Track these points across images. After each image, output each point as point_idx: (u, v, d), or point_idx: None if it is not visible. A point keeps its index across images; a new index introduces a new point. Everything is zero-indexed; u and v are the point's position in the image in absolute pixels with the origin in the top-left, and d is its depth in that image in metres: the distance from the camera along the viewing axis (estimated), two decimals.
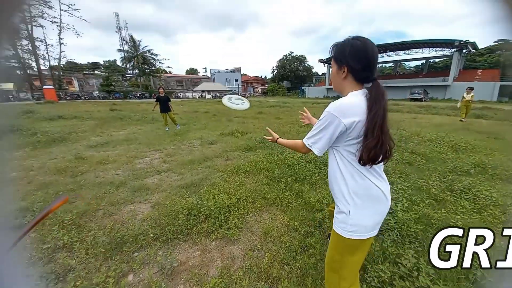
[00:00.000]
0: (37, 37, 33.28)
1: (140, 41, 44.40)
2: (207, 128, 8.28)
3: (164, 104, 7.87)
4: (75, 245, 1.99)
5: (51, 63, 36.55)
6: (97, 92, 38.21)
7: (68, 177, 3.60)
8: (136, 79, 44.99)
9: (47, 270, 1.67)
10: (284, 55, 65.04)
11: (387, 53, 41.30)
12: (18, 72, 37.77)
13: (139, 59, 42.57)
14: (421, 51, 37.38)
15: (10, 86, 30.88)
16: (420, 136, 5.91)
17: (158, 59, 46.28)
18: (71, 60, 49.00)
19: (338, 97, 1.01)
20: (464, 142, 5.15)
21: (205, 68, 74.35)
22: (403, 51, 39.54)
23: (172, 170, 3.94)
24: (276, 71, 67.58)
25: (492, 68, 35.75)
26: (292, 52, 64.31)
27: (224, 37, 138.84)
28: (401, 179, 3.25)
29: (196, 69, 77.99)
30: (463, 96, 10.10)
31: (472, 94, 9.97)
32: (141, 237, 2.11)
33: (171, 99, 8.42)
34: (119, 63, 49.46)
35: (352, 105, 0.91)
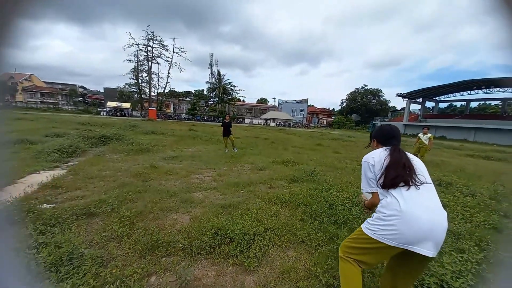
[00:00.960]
0: (153, 71, 44.10)
1: (224, 75, 53.03)
2: (261, 154, 8.63)
3: (227, 129, 8.79)
4: (124, 238, 2.41)
5: (159, 91, 47.51)
6: (184, 115, 46.64)
7: (140, 181, 4.44)
8: (215, 105, 52.72)
9: (97, 254, 2.08)
10: (356, 88, 62.49)
11: (490, 89, 33.71)
12: (135, 96, 51.05)
13: (221, 89, 50.34)
14: None
15: (127, 105, 41.80)
16: None
17: (235, 90, 53.31)
18: (172, 89, 62.51)
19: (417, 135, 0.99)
20: None
21: (274, 98, 79.41)
22: (509, 88, 31.44)
23: (217, 189, 4.27)
24: (345, 103, 65.05)
25: None
26: (366, 86, 61.17)
27: (297, 71, 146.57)
28: (476, 248, 2.46)
29: (266, 99, 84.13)
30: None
31: (429, 135, 8.45)
32: (172, 244, 2.36)
33: (233, 124, 9.30)
34: (205, 92, 59.78)
35: (375, 153, 1.54)
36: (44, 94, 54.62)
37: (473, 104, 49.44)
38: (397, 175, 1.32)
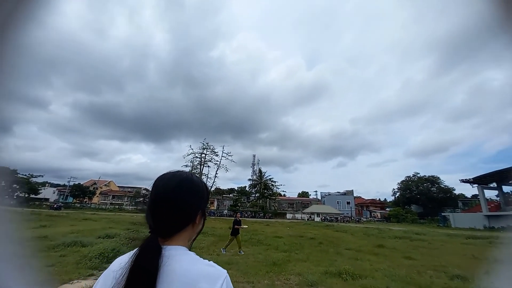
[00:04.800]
0: (204, 173, 50.04)
1: (265, 172, 56.18)
2: (309, 260, 7.17)
3: (235, 227, 8.31)
4: None
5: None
6: (226, 211, 46.84)
7: None
8: (256, 201, 52.91)
9: None
10: (407, 177, 57.34)
11: None
12: None
13: (262, 185, 52.03)
14: None
15: None
16: None
17: (275, 185, 54.35)
18: (218, 187, 67.09)
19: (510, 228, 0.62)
20: None
21: (315, 191, 76.48)
22: None
23: None
24: (399, 193, 58.14)
25: None
26: (418, 173, 56.01)
27: (334, 164, 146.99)
28: None
29: (307, 192, 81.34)
30: None
31: None
32: None
33: (275, 220, 8.66)
34: (247, 188, 62.18)
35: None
36: (114, 197, 63.59)
37: None
38: None
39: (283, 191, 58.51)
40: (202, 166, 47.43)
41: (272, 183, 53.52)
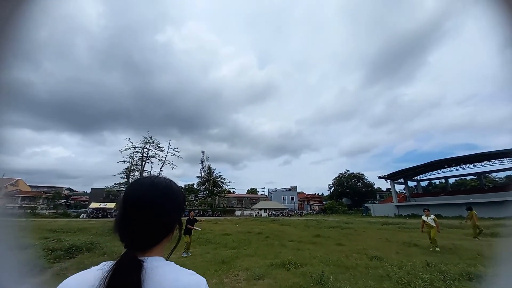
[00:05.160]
0: (146, 170, 44.73)
1: (215, 169, 54.75)
2: (256, 254, 7.49)
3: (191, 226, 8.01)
4: None
5: None
6: None
7: None
8: (205, 199, 51.25)
9: None
10: (340, 173, 65.61)
11: (461, 166, 36.85)
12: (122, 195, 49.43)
13: (211, 183, 50.59)
14: (506, 161, 32.11)
15: (112, 205, 39.24)
16: None
17: (225, 182, 53.81)
18: None
19: (414, 215, 0.76)
20: None
21: (264, 188, 79.54)
22: (482, 163, 34.75)
23: None
24: (333, 188, 66.10)
25: None
26: (348, 170, 64.72)
27: (281, 161, 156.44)
28: None
29: (256, 189, 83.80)
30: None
31: (432, 216, 8.34)
32: None
33: (224, 218, 8.60)
34: (195, 186, 59.57)
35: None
36: (25, 199, 51.17)
37: (451, 181, 51.97)
38: None
39: (233, 188, 58.29)
40: (144, 162, 42.60)
41: (222, 180, 52.92)
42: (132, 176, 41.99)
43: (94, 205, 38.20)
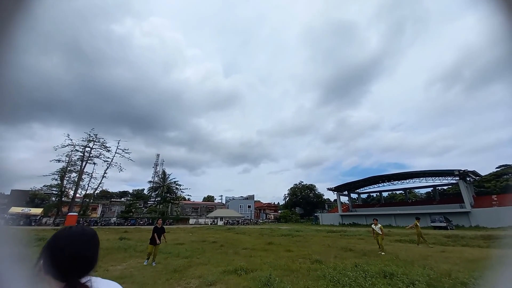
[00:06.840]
0: (86, 171, 38.76)
1: (170, 174, 51.10)
2: (210, 263, 7.63)
3: (158, 236, 7.76)
4: None
5: (87, 192, 40.28)
6: (114, 219, 38.92)
7: None
8: (156, 206, 47.23)
9: None
10: (295, 184, 69.28)
11: (392, 182, 43.25)
12: (53, 199, 41.16)
13: (165, 189, 46.90)
14: (425, 180, 39.16)
15: (38, 211, 32.82)
16: (451, 278, 5.05)
17: (180, 189, 50.69)
18: (105, 189, 54.50)
19: (355, 224, 1.14)
20: None
21: (221, 196, 78.09)
22: (407, 180, 41.49)
23: None
24: (288, 198, 69.23)
25: (505, 192, 34.59)
26: (302, 182, 68.90)
27: (240, 170, 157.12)
28: None
29: (212, 196, 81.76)
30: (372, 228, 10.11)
31: (379, 225, 9.82)
32: None
33: (176, 226, 8.47)
34: (146, 191, 54.55)
35: None
36: None
37: (384, 194, 60.29)
38: None
39: (188, 195, 55.29)
40: (84, 163, 37.27)
41: (177, 186, 49.73)
42: (67, 178, 36.04)
43: (15, 209, 31.83)
